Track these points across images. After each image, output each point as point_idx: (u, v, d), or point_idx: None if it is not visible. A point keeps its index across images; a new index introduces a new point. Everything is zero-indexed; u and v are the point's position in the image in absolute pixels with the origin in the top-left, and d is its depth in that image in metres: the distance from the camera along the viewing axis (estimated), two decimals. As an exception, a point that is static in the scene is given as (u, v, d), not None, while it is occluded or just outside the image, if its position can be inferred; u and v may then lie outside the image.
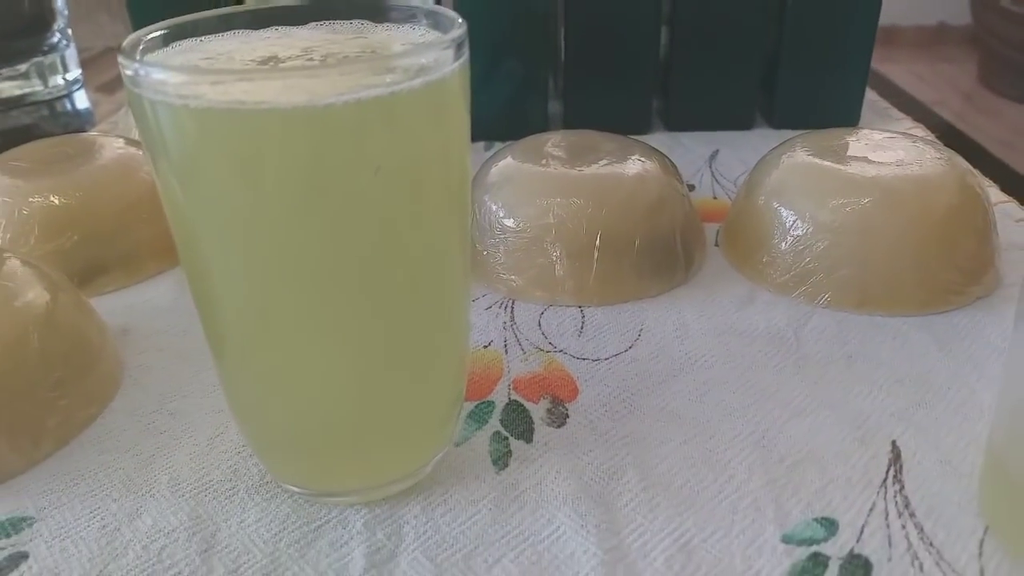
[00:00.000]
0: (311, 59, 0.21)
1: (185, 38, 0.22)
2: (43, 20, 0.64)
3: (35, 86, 0.65)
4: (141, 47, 0.20)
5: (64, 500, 0.25)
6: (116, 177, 0.38)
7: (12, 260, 0.29)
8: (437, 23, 0.22)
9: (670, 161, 0.37)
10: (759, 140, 0.51)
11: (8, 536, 0.23)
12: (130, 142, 0.41)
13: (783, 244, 0.34)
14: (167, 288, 0.36)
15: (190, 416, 0.28)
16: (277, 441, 0.24)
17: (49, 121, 0.64)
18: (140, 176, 0.38)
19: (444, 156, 0.20)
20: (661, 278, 0.34)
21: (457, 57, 0.19)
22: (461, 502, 0.24)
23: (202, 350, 0.31)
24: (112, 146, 0.40)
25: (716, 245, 0.38)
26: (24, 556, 0.23)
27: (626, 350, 0.31)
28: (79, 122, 0.65)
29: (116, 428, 0.28)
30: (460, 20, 0.20)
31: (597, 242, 0.33)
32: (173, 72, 0.18)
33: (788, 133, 0.52)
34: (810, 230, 0.34)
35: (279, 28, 0.23)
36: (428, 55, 0.19)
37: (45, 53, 0.64)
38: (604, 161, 0.35)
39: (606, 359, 0.31)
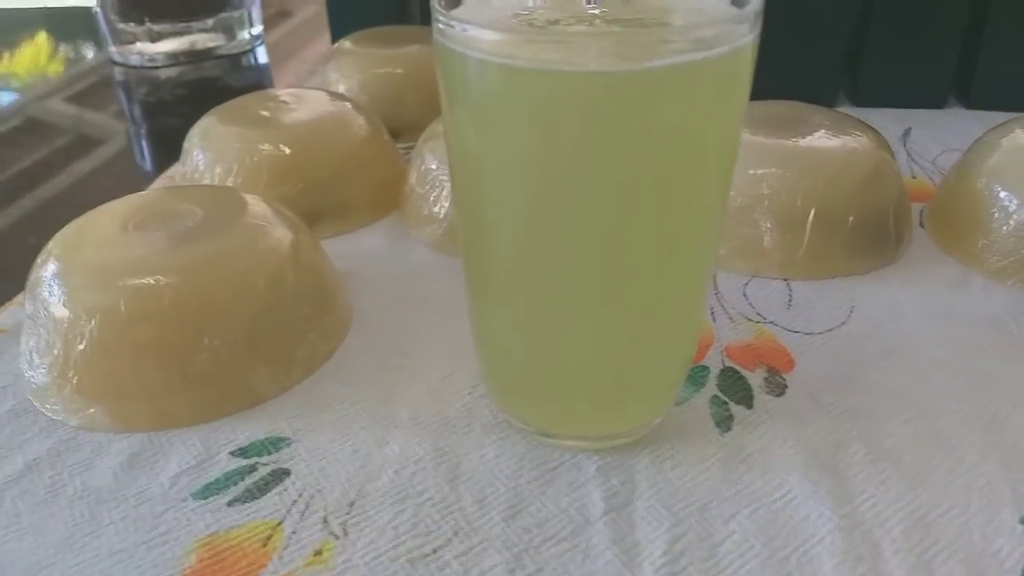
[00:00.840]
0: (596, 22, 0.21)
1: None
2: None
3: (221, 40, 0.68)
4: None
5: (315, 425, 0.27)
6: (333, 129, 0.40)
7: (260, 202, 0.31)
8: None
9: (882, 136, 0.36)
10: (953, 120, 0.50)
11: (269, 453, 0.26)
12: (337, 96, 0.43)
13: (1004, 228, 0.33)
14: (379, 237, 0.38)
15: (419, 357, 0.30)
16: (522, 383, 0.25)
17: (234, 74, 0.68)
18: (354, 130, 0.40)
19: (728, 126, 0.21)
20: (871, 255, 0.34)
21: (753, 29, 0.20)
22: (689, 459, 0.25)
23: (424, 297, 0.33)
24: (327, 100, 0.42)
25: (921, 225, 0.37)
26: (286, 472, 0.25)
27: (839, 326, 0.31)
28: (259, 76, 0.69)
29: (353, 363, 0.30)
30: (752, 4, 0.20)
31: (811, 216, 0.33)
32: (491, 31, 0.19)
33: (983, 114, 0.50)
34: (1034, 215, 0.32)
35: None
36: (733, 26, 0.19)
37: (233, 8, 0.68)
38: (818, 133, 0.35)
39: (819, 333, 0.31)
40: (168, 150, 0.53)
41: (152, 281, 0.27)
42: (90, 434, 0.27)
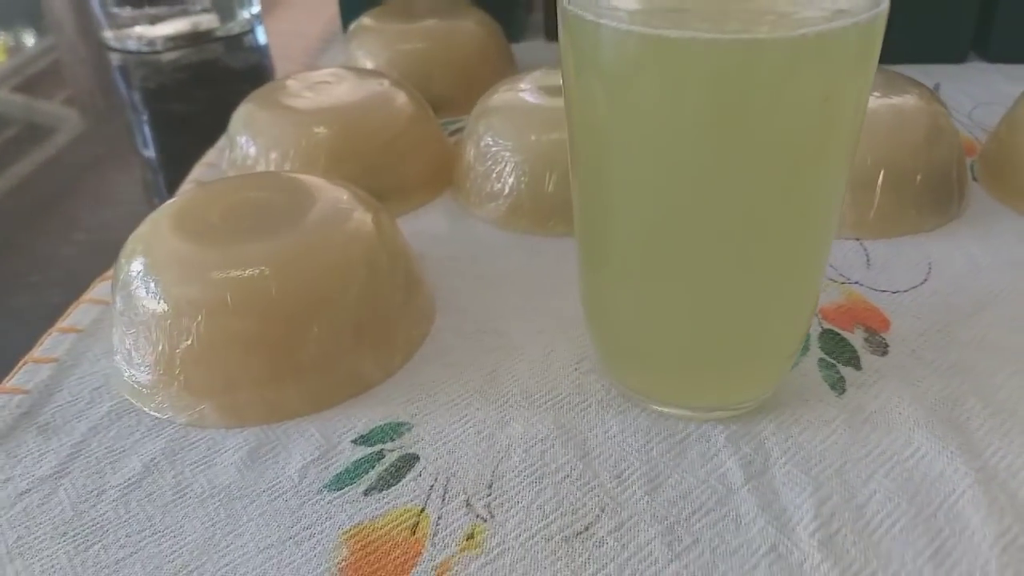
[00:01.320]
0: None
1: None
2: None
3: (221, 21, 0.66)
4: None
5: (430, 408, 0.27)
6: (382, 108, 0.39)
7: (336, 186, 0.31)
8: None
9: (934, 92, 0.37)
10: (977, 74, 0.50)
11: (392, 439, 0.26)
12: (374, 73, 0.42)
13: (1065, 179, 0.34)
14: (439, 216, 0.38)
15: (513, 336, 0.30)
16: (645, 356, 0.25)
17: (235, 55, 0.66)
18: (402, 107, 0.40)
19: (862, 92, 0.21)
20: (938, 212, 0.35)
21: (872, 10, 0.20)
22: (814, 422, 0.25)
23: (500, 275, 0.33)
24: (367, 78, 0.41)
25: (974, 179, 0.38)
26: (415, 457, 0.25)
27: (922, 283, 0.31)
28: (260, 56, 0.67)
29: (448, 345, 0.30)
30: None
31: (880, 176, 0.33)
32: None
33: (1005, 67, 0.51)
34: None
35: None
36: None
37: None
38: (877, 93, 0.35)
39: (905, 291, 0.31)
40: (175, 136, 0.52)
41: (257, 273, 0.26)
42: (200, 431, 0.26)
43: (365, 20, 0.51)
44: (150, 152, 0.52)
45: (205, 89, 0.59)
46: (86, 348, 0.30)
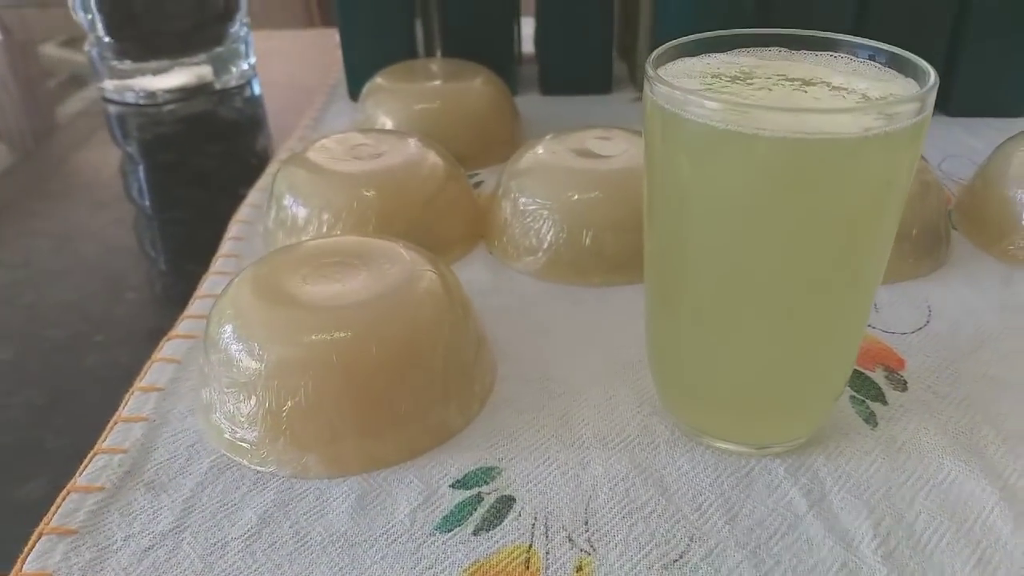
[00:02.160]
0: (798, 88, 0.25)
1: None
2: (230, 10, 0.67)
3: (220, 74, 0.68)
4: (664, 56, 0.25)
5: (513, 452, 0.29)
6: (420, 168, 0.42)
7: (402, 246, 0.33)
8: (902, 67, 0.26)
9: (919, 153, 0.42)
10: (942, 127, 0.56)
11: (486, 483, 0.28)
12: (403, 134, 0.45)
13: (1036, 229, 0.39)
14: (480, 270, 0.41)
15: (573, 383, 0.33)
16: (712, 398, 0.29)
17: (232, 107, 0.68)
18: (436, 166, 0.42)
19: (907, 183, 0.25)
20: (931, 259, 0.39)
21: (927, 108, 0.24)
22: (857, 453, 0.29)
23: (548, 324, 0.36)
24: (400, 139, 0.44)
25: (953, 228, 0.43)
26: (511, 499, 0.28)
27: (926, 324, 0.36)
28: (255, 107, 0.69)
29: (517, 392, 0.32)
30: (931, 72, 0.24)
31: (882, 228, 0.38)
32: (704, 99, 0.23)
33: (964, 120, 0.56)
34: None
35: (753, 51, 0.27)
36: (926, 99, 0.23)
37: (231, 41, 0.68)
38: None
39: (912, 332, 0.35)
40: (170, 188, 0.54)
41: (358, 333, 0.29)
42: (305, 482, 0.28)
43: (379, 80, 0.53)
44: (144, 203, 0.53)
45: (203, 141, 0.61)
46: (171, 406, 0.32)
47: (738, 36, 0.28)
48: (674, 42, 0.27)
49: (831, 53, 0.27)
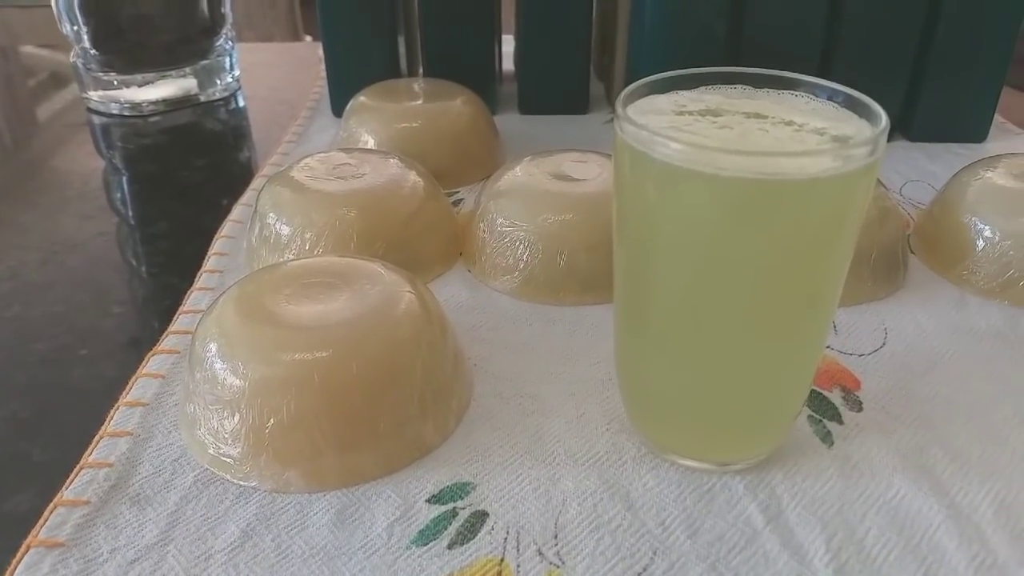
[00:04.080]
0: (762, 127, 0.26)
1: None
2: (215, 24, 0.68)
3: (205, 86, 0.69)
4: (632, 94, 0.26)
5: (488, 468, 0.31)
6: (401, 187, 0.43)
7: (380, 265, 0.35)
8: (857, 108, 0.27)
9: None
10: (902, 152, 0.58)
11: (461, 498, 0.29)
12: (384, 153, 0.46)
13: (988, 256, 0.41)
14: (457, 288, 0.42)
15: (547, 400, 0.34)
16: (674, 416, 0.30)
17: (216, 119, 0.68)
18: (417, 185, 0.44)
19: (861, 216, 0.26)
20: (889, 282, 0.41)
21: (879, 150, 0.25)
22: (813, 471, 0.31)
23: (523, 342, 0.37)
24: (382, 159, 0.45)
25: (911, 252, 0.45)
26: (485, 513, 0.29)
27: (882, 346, 0.37)
28: (239, 119, 0.70)
29: (492, 409, 0.34)
30: (883, 115, 0.26)
31: (843, 254, 0.39)
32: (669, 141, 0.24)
33: (924, 146, 0.58)
34: (1010, 244, 0.40)
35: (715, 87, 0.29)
36: (878, 141, 0.25)
37: (216, 55, 0.69)
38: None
39: (869, 354, 0.37)
40: (154, 200, 0.55)
41: (339, 352, 0.30)
42: (286, 496, 0.29)
43: (362, 99, 0.55)
44: (128, 214, 0.54)
45: (187, 152, 0.62)
46: (156, 421, 0.33)
47: (705, 74, 0.29)
48: (644, 80, 0.28)
49: (792, 92, 0.29)
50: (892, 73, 0.57)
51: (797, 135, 0.26)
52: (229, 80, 0.70)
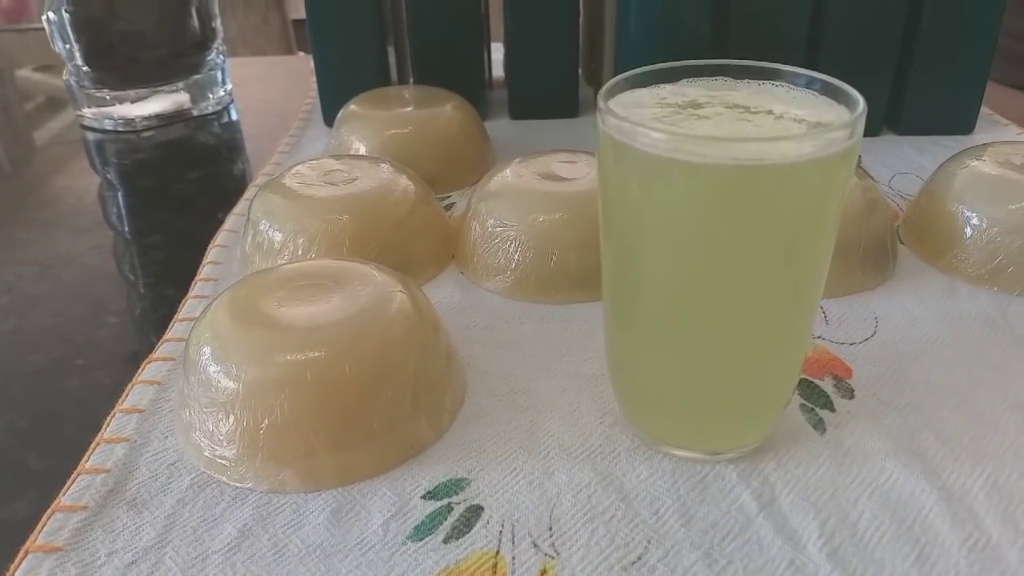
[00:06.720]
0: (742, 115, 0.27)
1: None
2: (207, 38, 0.69)
3: (197, 100, 0.70)
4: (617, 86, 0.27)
5: (482, 464, 0.31)
6: (393, 191, 0.43)
7: (372, 267, 0.35)
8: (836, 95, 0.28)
9: (861, 168, 0.44)
10: (891, 145, 0.58)
11: (456, 493, 0.30)
12: (375, 159, 0.46)
13: (976, 243, 0.41)
14: (450, 289, 0.42)
15: (539, 396, 0.34)
16: (666, 407, 0.30)
17: (210, 133, 0.69)
18: (408, 189, 0.44)
19: (842, 201, 0.27)
20: (879, 272, 0.41)
21: (857, 133, 0.26)
22: (805, 458, 0.31)
23: (516, 341, 0.38)
24: (372, 164, 0.45)
25: (901, 242, 0.45)
26: (479, 508, 0.29)
27: (872, 335, 0.38)
28: (232, 132, 0.70)
29: (486, 406, 0.34)
30: (860, 100, 0.26)
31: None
32: (653, 131, 0.25)
33: (912, 139, 0.59)
34: (998, 231, 0.40)
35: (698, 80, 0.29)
36: (855, 126, 0.25)
37: (209, 69, 0.70)
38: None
39: (860, 343, 0.37)
40: (149, 213, 0.55)
41: (332, 352, 0.30)
42: (282, 496, 0.30)
43: (352, 107, 0.55)
44: (124, 228, 0.54)
45: (182, 167, 0.62)
46: (152, 426, 0.33)
47: (685, 67, 0.29)
48: (625, 74, 0.29)
49: (772, 82, 0.29)
50: (878, 68, 0.57)
51: (779, 124, 0.27)
52: (221, 94, 0.71)
